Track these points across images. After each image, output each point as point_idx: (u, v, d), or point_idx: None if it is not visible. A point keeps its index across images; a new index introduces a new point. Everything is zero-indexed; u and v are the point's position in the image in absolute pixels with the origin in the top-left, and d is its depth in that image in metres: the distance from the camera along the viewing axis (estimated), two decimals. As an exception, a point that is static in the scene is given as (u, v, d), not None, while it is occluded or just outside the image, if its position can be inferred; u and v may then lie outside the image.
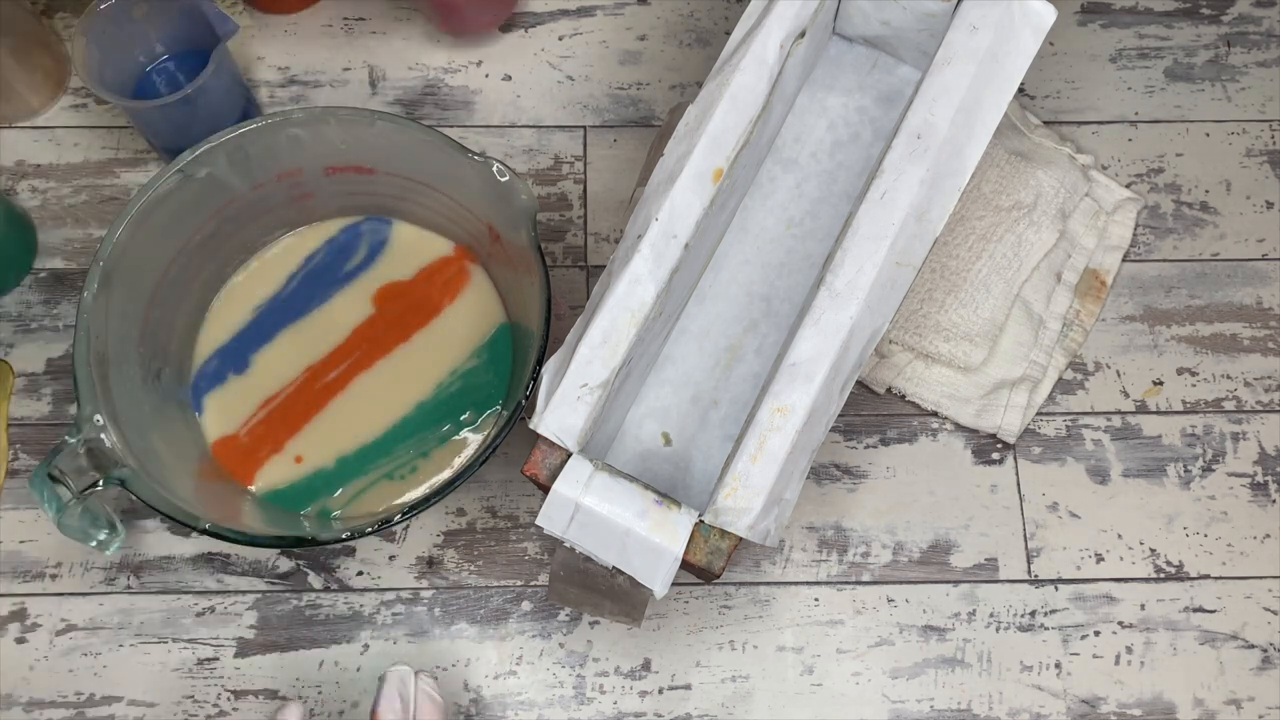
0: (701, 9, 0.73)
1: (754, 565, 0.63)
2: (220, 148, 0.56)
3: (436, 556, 0.63)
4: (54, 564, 0.62)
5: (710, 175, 0.50)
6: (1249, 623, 0.63)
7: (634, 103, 0.71)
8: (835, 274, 0.48)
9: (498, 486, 0.64)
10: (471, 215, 0.60)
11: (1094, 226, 0.68)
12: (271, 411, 0.62)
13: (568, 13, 0.73)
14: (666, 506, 0.46)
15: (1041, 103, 0.72)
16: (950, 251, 0.66)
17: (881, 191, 0.49)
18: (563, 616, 0.62)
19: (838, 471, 0.65)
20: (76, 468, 0.50)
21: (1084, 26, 0.74)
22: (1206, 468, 0.65)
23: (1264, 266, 0.69)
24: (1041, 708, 0.61)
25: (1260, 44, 0.73)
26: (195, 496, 0.55)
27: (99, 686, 0.60)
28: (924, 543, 0.64)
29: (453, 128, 0.70)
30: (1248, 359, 0.67)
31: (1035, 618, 0.62)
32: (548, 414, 0.47)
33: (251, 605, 0.61)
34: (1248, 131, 0.71)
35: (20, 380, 0.65)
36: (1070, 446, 0.65)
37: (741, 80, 0.51)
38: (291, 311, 0.64)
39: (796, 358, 0.48)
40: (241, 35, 0.71)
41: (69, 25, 0.72)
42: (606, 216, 0.69)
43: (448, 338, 0.64)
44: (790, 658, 0.62)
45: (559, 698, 0.61)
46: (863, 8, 0.57)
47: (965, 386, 0.65)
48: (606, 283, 0.50)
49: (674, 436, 0.56)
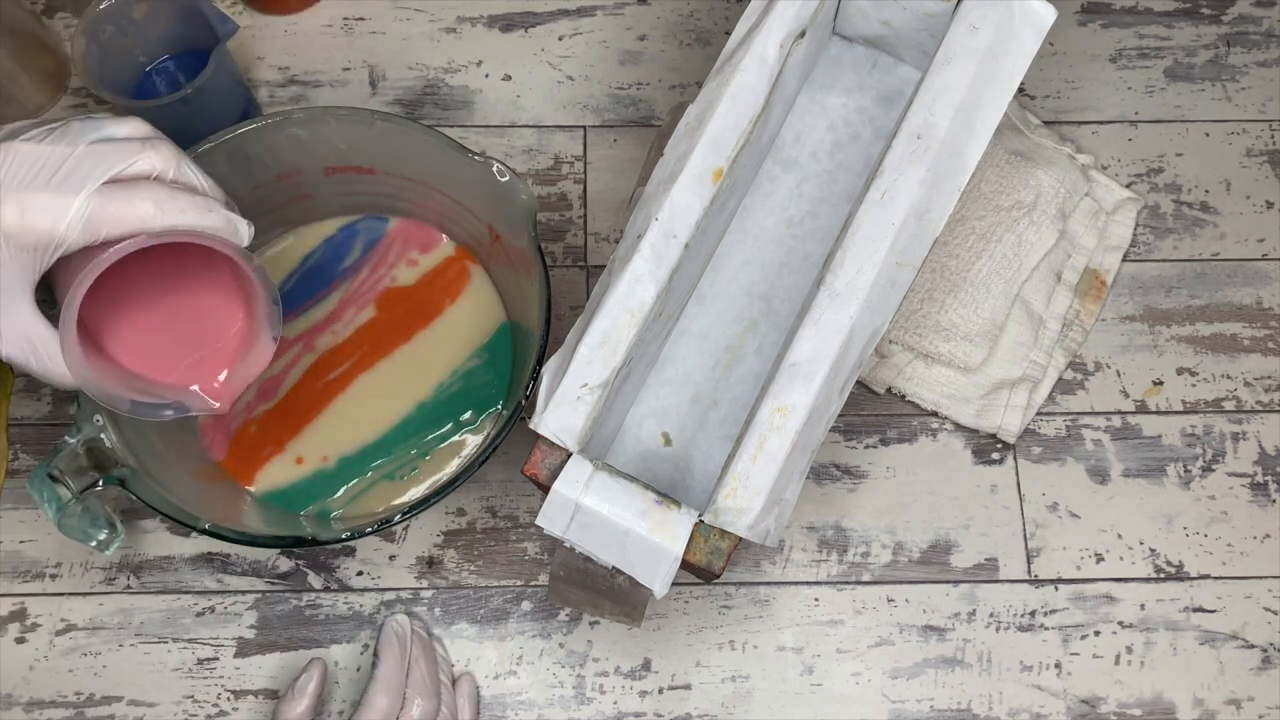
0: (701, 9, 0.73)
1: (754, 565, 0.63)
2: (220, 148, 0.56)
3: (436, 556, 0.63)
4: (54, 564, 0.62)
5: (710, 175, 0.50)
6: (1249, 623, 0.63)
7: (634, 103, 0.71)
8: (835, 274, 0.48)
9: (498, 486, 0.64)
10: (471, 215, 0.60)
11: (1094, 226, 0.68)
12: (272, 411, 0.62)
13: (568, 13, 0.73)
14: (666, 506, 0.46)
15: (1041, 103, 0.72)
16: (950, 251, 0.66)
17: (881, 191, 0.49)
18: (563, 616, 0.62)
19: (838, 471, 0.65)
20: (76, 468, 0.50)
21: (1084, 26, 0.74)
22: (1206, 468, 0.65)
23: (1264, 266, 0.69)
24: (1041, 708, 0.61)
25: (1260, 44, 0.73)
26: (195, 496, 0.55)
27: (99, 686, 0.60)
28: (924, 543, 0.64)
29: (453, 128, 0.70)
30: (1248, 359, 0.67)
31: (1035, 618, 0.62)
32: (548, 414, 0.47)
33: (251, 605, 0.62)
34: (1248, 131, 0.71)
35: (20, 380, 0.65)
36: (1070, 446, 0.65)
37: (741, 80, 0.51)
38: (291, 310, 0.64)
39: (796, 358, 0.48)
40: (241, 35, 0.71)
41: (69, 25, 0.72)
42: (606, 216, 0.69)
43: (448, 338, 0.64)
44: (790, 658, 0.62)
45: (559, 698, 0.61)
46: (863, 8, 0.57)
47: (965, 386, 0.65)
48: (606, 283, 0.50)
49: (674, 436, 0.56)
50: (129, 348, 0.48)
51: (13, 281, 0.41)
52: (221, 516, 0.53)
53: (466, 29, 0.72)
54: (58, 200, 0.39)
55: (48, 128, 0.41)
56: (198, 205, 0.42)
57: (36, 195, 0.39)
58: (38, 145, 0.40)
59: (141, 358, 0.48)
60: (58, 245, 0.40)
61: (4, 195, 0.39)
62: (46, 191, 0.39)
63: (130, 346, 0.48)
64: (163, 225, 0.41)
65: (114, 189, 0.40)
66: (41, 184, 0.39)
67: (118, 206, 0.40)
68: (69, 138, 0.40)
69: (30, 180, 0.39)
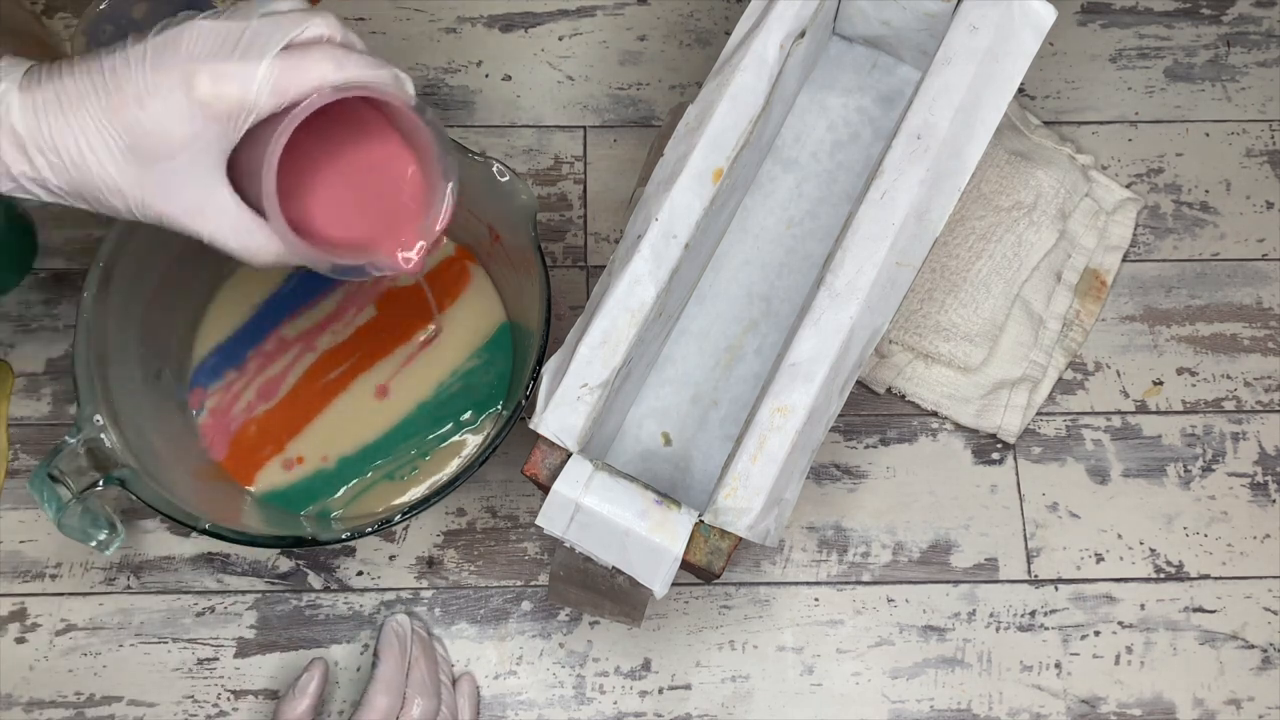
0: (701, 9, 0.73)
1: (754, 565, 0.63)
2: (220, 148, 0.56)
3: (436, 556, 0.63)
4: (54, 564, 0.62)
5: (710, 175, 0.50)
6: (1249, 623, 0.63)
7: (634, 103, 0.71)
8: (835, 274, 0.48)
9: (498, 486, 0.64)
10: (472, 215, 0.60)
11: (1094, 226, 0.68)
12: (271, 411, 0.62)
13: (568, 13, 0.73)
14: (666, 506, 0.46)
15: (1041, 103, 0.72)
16: (950, 251, 0.66)
17: (881, 191, 0.49)
18: (563, 616, 0.62)
19: (838, 471, 0.65)
20: (76, 468, 0.50)
21: (1084, 26, 0.74)
22: (1206, 468, 0.65)
23: (1264, 266, 0.69)
24: (1041, 708, 0.61)
25: (1260, 44, 0.73)
26: (195, 496, 0.55)
27: (99, 686, 0.60)
28: (924, 543, 0.64)
29: (453, 128, 0.70)
30: (1248, 359, 0.67)
31: (1035, 618, 0.62)
32: (548, 414, 0.47)
33: (251, 605, 0.62)
34: (1248, 131, 0.71)
35: (20, 380, 0.65)
36: (1070, 446, 0.65)
37: (741, 80, 0.51)
38: (291, 310, 0.64)
39: (796, 358, 0.48)
40: (241, 35, 0.71)
41: (69, 25, 0.72)
42: (606, 216, 0.69)
43: (448, 338, 0.64)
44: (790, 658, 0.62)
45: (559, 698, 0.61)
46: (863, 8, 0.57)
47: (965, 386, 0.65)
48: (606, 283, 0.50)
49: (674, 436, 0.56)
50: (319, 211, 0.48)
51: (205, 155, 0.42)
52: (221, 516, 0.53)
53: (466, 29, 0.72)
54: (245, 67, 0.41)
55: (216, 10, 0.43)
56: (371, 63, 0.44)
57: (225, 64, 0.40)
58: (216, 21, 0.42)
59: (332, 220, 0.48)
60: (249, 111, 0.41)
61: (196, 67, 0.40)
62: (233, 60, 0.41)
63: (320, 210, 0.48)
64: (342, 79, 0.42)
65: (293, 53, 0.42)
66: (227, 54, 0.41)
67: (300, 68, 0.41)
68: (240, 14, 0.42)
69: (216, 52, 0.41)
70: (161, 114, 0.40)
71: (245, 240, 0.44)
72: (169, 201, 0.42)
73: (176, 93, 0.40)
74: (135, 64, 0.41)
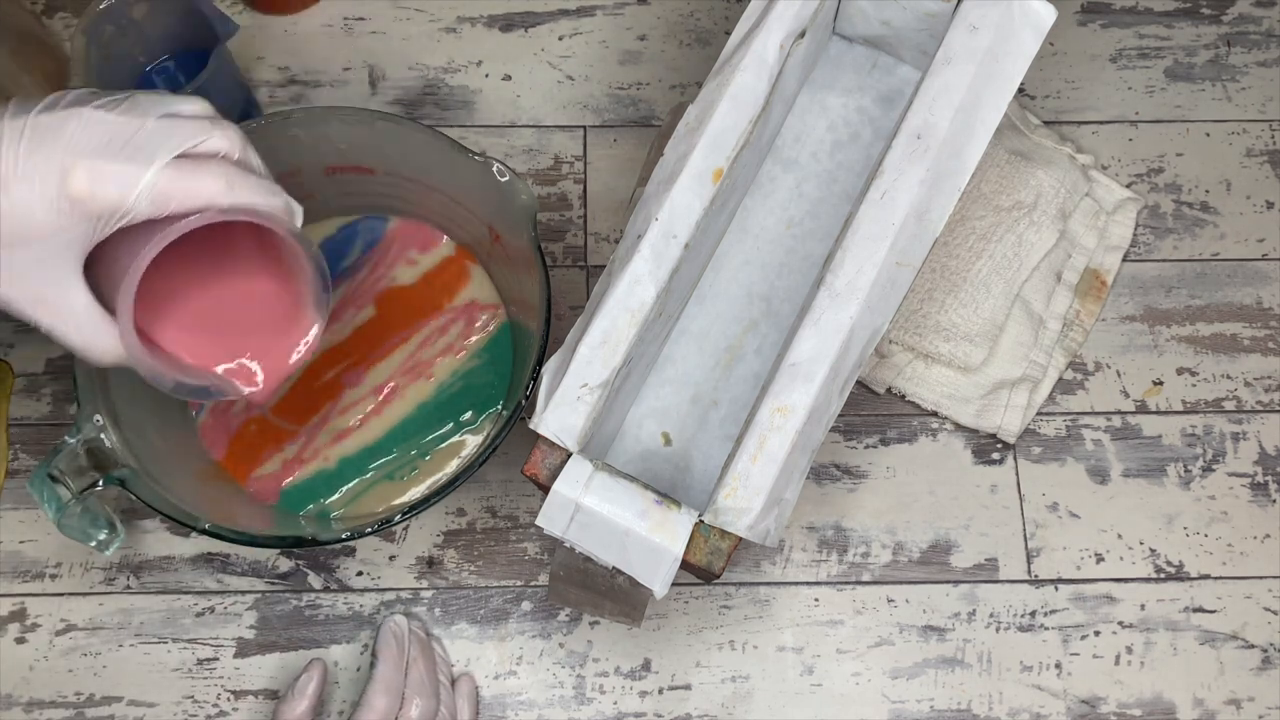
0: (701, 9, 0.73)
1: (754, 565, 0.63)
2: (220, 148, 0.56)
3: (436, 556, 0.63)
4: (54, 564, 0.62)
5: (710, 175, 0.50)
6: (1249, 623, 0.63)
7: (634, 103, 0.71)
8: (835, 274, 0.48)
9: (498, 486, 0.64)
10: (472, 215, 0.60)
11: (1094, 226, 0.68)
12: (271, 411, 0.62)
13: (568, 13, 0.73)
14: (666, 506, 0.46)
15: (1041, 103, 0.72)
16: (950, 251, 0.66)
17: (881, 191, 0.49)
18: (563, 616, 0.62)
19: (838, 471, 0.65)
20: (76, 468, 0.50)
21: (1084, 26, 0.74)
22: (1206, 468, 0.65)
23: (1264, 266, 0.69)
24: (1041, 708, 0.61)
25: (1260, 44, 0.73)
26: (195, 496, 0.55)
27: (99, 686, 0.60)
28: (924, 543, 0.64)
29: (453, 128, 0.70)
30: (1248, 359, 0.67)
31: (1035, 618, 0.62)
32: (548, 414, 0.47)
33: (251, 605, 0.62)
34: (1248, 131, 0.71)
35: (20, 380, 0.65)
36: (1070, 446, 0.65)
37: (741, 80, 0.51)
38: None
39: (796, 358, 0.48)
40: (241, 35, 0.71)
41: (69, 25, 0.72)
42: (606, 216, 0.69)
43: (448, 338, 0.64)
44: (790, 658, 0.62)
45: (559, 698, 0.61)
46: (863, 8, 0.57)
47: (965, 386, 0.65)
48: (606, 283, 0.50)
49: (674, 436, 0.56)
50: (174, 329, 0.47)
51: (66, 249, 0.40)
52: (221, 516, 0.53)
53: (466, 29, 0.72)
54: (129, 170, 0.39)
55: (113, 98, 0.41)
56: (264, 188, 0.42)
57: (108, 163, 0.38)
58: (109, 114, 0.39)
59: (186, 341, 0.48)
60: (123, 215, 0.39)
61: (76, 160, 0.38)
62: (118, 161, 0.39)
63: (176, 328, 0.47)
64: (230, 203, 0.40)
65: (184, 164, 0.40)
66: (113, 152, 0.39)
67: (189, 183, 0.39)
68: (138, 110, 0.40)
69: (101, 148, 0.39)
70: (26, 201, 0.38)
71: (89, 340, 0.42)
72: (11, 285, 0.40)
73: (48, 182, 0.38)
74: (9, 141, 0.38)
